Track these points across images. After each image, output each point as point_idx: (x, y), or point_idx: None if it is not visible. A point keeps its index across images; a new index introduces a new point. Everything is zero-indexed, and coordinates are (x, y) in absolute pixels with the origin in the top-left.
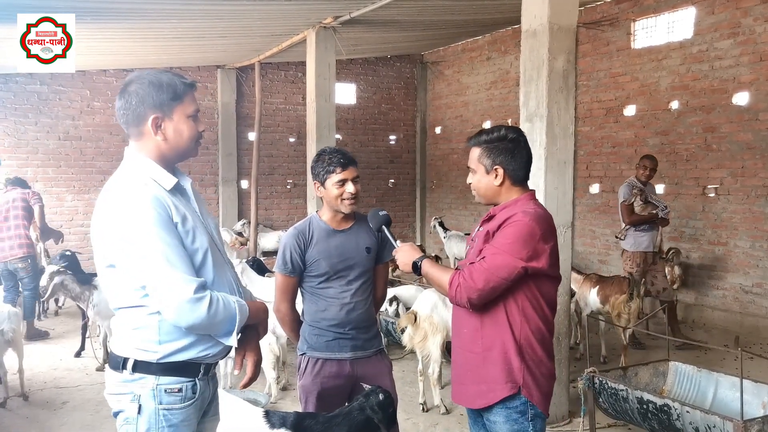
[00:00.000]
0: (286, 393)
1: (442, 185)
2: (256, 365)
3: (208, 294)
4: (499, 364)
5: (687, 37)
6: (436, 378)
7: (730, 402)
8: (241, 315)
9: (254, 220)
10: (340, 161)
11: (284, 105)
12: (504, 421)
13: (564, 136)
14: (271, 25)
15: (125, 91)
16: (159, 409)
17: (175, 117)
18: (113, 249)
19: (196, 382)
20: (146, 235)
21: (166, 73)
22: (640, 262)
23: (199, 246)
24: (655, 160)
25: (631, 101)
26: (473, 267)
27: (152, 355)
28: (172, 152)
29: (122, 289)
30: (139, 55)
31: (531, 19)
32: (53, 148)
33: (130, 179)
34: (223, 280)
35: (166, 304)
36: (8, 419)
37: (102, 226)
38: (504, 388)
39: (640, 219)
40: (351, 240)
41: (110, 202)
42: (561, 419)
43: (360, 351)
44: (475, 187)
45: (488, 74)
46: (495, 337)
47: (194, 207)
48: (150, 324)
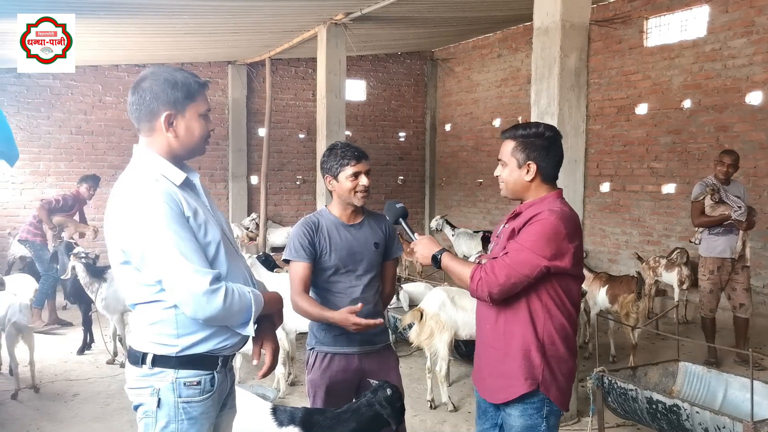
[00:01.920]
0: (294, 388)
1: (451, 182)
2: (274, 354)
3: (223, 285)
4: (519, 361)
5: (700, 35)
6: (443, 375)
7: (740, 403)
8: (256, 305)
9: (263, 216)
10: (354, 154)
11: (294, 101)
12: (519, 414)
13: (575, 134)
14: (282, 22)
15: (139, 87)
16: (178, 402)
17: (187, 115)
18: (127, 246)
19: (215, 375)
20: (160, 230)
21: (181, 71)
22: (714, 270)
23: (212, 239)
24: (735, 155)
25: (642, 100)
26: (495, 262)
27: (171, 349)
28: (182, 149)
29: (138, 285)
30: (150, 50)
31: (543, 17)
32: (65, 143)
33: (141, 176)
34: (237, 272)
35: (183, 298)
36: (19, 411)
37: (115, 224)
38: (524, 385)
39: (709, 221)
40: (360, 235)
41: (122, 200)
42: (570, 418)
43: (368, 345)
44: (505, 180)
45: (499, 72)
46: (516, 333)
47: (204, 201)
48: (167, 318)
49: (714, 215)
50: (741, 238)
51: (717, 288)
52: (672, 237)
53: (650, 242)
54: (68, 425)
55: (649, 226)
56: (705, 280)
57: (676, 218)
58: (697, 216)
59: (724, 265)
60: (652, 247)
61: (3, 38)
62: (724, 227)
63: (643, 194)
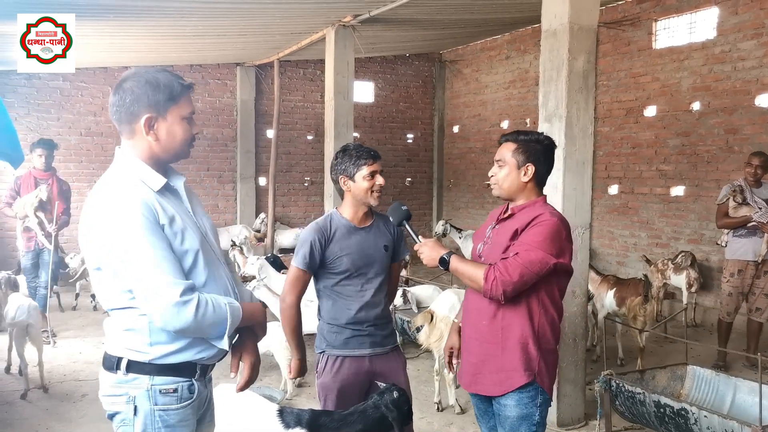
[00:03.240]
0: (301, 390)
1: (459, 184)
2: (253, 368)
3: (196, 297)
4: (518, 353)
5: (709, 37)
6: (451, 378)
7: (749, 407)
8: (232, 317)
9: (271, 217)
10: (370, 154)
11: (302, 102)
12: (515, 405)
13: (583, 136)
14: (291, 24)
15: (120, 88)
16: (155, 410)
17: (169, 118)
18: (100, 252)
19: (193, 383)
20: (132, 239)
21: (164, 72)
22: (735, 272)
23: (189, 247)
24: (764, 156)
25: (651, 102)
26: (507, 262)
27: (144, 356)
28: (164, 153)
29: (111, 291)
30: (160, 52)
31: (551, 19)
32: (75, 144)
33: (118, 182)
34: (217, 281)
35: (152, 308)
36: (28, 410)
37: (89, 229)
38: (522, 376)
39: (731, 223)
40: (371, 238)
41: (97, 205)
42: (577, 421)
43: (378, 347)
44: (501, 179)
45: (507, 73)
46: (515, 327)
47: (186, 207)
48: (140, 326)
49: (736, 216)
50: (765, 241)
51: (737, 291)
52: (681, 240)
53: (659, 245)
54: (77, 425)
55: (657, 228)
56: (725, 283)
57: (684, 221)
58: (720, 217)
59: (747, 268)
60: (661, 250)
61: (7, 40)
62: (748, 229)
63: (651, 197)
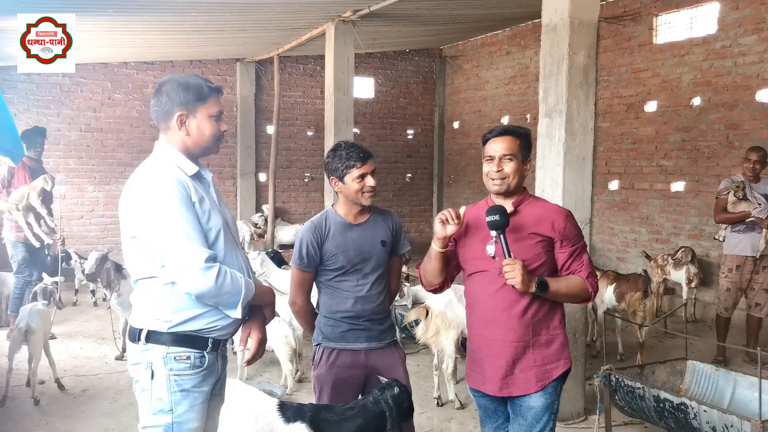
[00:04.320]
0: (301, 385)
1: (460, 180)
2: (260, 343)
3: (218, 265)
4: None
5: (710, 32)
6: (450, 373)
7: (748, 402)
8: (246, 290)
9: (272, 213)
10: (360, 156)
11: (302, 98)
12: (540, 395)
13: (583, 131)
14: (291, 19)
15: (159, 91)
16: (170, 374)
17: (198, 115)
18: (138, 221)
19: (204, 355)
20: (168, 209)
21: (196, 77)
22: (733, 268)
23: (213, 226)
24: (762, 151)
25: (652, 97)
26: (590, 267)
27: (164, 324)
28: (195, 146)
29: (142, 259)
30: (159, 48)
31: (551, 14)
32: (75, 140)
33: (157, 164)
34: (234, 261)
35: (179, 270)
36: (29, 406)
37: (130, 202)
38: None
39: (729, 217)
40: (367, 233)
41: (138, 182)
42: (576, 416)
43: (374, 342)
44: (513, 173)
45: (507, 69)
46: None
47: (213, 196)
48: (165, 294)
49: (735, 212)
50: (764, 236)
51: (736, 287)
52: (681, 235)
53: (659, 240)
54: (77, 420)
55: (657, 224)
56: (723, 278)
57: (685, 216)
58: (719, 212)
59: (746, 263)
60: (661, 245)
61: (7, 36)
62: (747, 224)
63: (652, 192)
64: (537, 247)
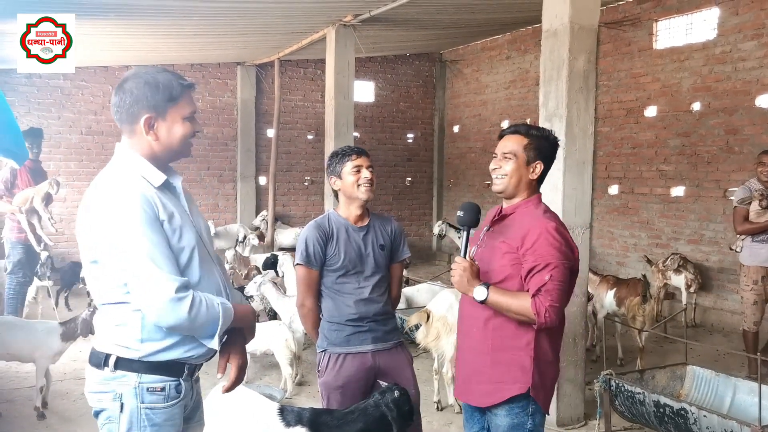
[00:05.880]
0: (301, 388)
1: (459, 184)
2: (240, 369)
3: (191, 294)
4: (509, 365)
5: (710, 37)
6: (450, 377)
7: (748, 407)
8: (224, 318)
9: (272, 217)
10: (355, 150)
11: (303, 102)
12: (505, 414)
13: (583, 136)
14: (292, 23)
15: (121, 89)
16: (141, 407)
17: (168, 118)
18: (98, 245)
19: (180, 383)
20: (131, 233)
21: (164, 72)
22: (758, 279)
23: (186, 244)
24: None
25: (652, 102)
26: (548, 288)
27: (134, 353)
28: (163, 152)
29: (106, 285)
30: (160, 51)
31: (552, 19)
32: (75, 143)
33: (119, 176)
34: (210, 280)
35: (148, 303)
36: (28, 409)
37: (88, 222)
38: (512, 389)
39: (754, 228)
40: (367, 237)
41: (98, 198)
42: (576, 421)
43: (380, 343)
44: (510, 174)
45: (507, 73)
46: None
47: (183, 205)
48: (133, 322)
49: (760, 221)
50: None
51: (762, 299)
52: (681, 240)
53: (659, 245)
54: (77, 424)
55: (657, 229)
56: (748, 291)
57: (684, 221)
58: (740, 222)
59: None
60: (661, 250)
61: (7, 38)
62: None
63: (651, 197)
64: (504, 258)
